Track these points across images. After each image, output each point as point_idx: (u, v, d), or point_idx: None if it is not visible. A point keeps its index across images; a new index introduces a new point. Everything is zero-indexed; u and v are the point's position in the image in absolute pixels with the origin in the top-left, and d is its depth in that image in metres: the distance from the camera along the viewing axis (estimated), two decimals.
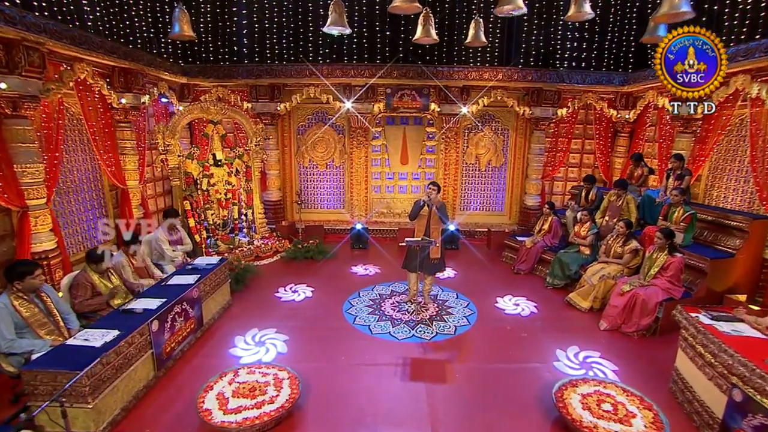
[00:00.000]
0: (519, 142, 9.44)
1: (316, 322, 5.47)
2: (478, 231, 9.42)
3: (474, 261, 8.08)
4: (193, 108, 7.27)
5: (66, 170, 6.30)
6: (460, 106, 8.74)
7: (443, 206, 5.65)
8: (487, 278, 7.15)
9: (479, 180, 9.68)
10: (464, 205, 9.81)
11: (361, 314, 5.68)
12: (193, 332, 4.81)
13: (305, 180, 9.71)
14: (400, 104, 8.78)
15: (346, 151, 9.49)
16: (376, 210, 9.72)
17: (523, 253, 7.36)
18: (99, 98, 6.54)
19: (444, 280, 6.97)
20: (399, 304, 5.99)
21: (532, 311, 5.85)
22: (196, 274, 5.12)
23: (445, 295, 6.33)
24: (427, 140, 9.47)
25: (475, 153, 9.50)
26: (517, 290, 6.52)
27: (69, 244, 6.30)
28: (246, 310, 5.77)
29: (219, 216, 7.85)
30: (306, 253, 7.83)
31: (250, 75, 8.51)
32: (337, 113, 8.93)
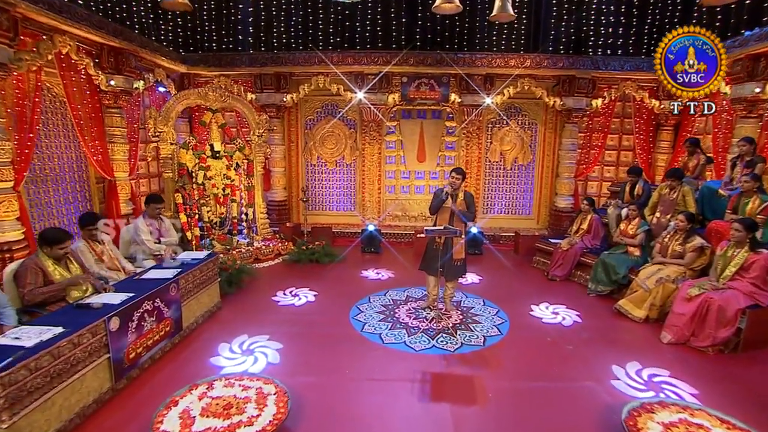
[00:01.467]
0: (549, 137, 8.64)
1: (318, 328, 4.68)
2: (503, 235, 8.56)
3: (501, 266, 7.21)
4: (190, 93, 6.70)
5: (45, 156, 5.75)
6: (483, 96, 8.01)
7: (470, 198, 4.87)
8: (517, 284, 6.28)
9: (504, 179, 8.87)
10: (487, 208, 8.98)
11: (371, 321, 4.87)
12: (169, 336, 4.07)
13: (313, 179, 9.04)
14: (416, 95, 8.11)
15: (358, 147, 8.82)
16: (389, 211, 8.95)
17: (559, 257, 6.48)
18: (86, 79, 6.02)
19: (467, 285, 6.13)
20: (416, 311, 5.16)
21: (575, 320, 4.95)
22: (177, 269, 4.40)
23: (470, 302, 5.48)
24: (446, 135, 8.74)
25: (500, 150, 8.73)
26: (555, 297, 5.63)
27: None
28: (237, 314, 5.02)
29: (216, 213, 7.19)
30: (311, 256, 7.08)
31: (254, 63, 7.97)
32: (348, 105, 8.28)
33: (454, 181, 4.77)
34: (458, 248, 4.85)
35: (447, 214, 4.87)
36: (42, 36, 5.17)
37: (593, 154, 8.48)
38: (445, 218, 4.87)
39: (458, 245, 4.86)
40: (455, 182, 4.77)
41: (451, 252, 4.82)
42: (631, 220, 5.77)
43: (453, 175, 4.80)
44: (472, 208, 4.84)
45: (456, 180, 4.77)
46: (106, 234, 4.39)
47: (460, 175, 4.79)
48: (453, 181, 4.77)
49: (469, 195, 4.90)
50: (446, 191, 4.75)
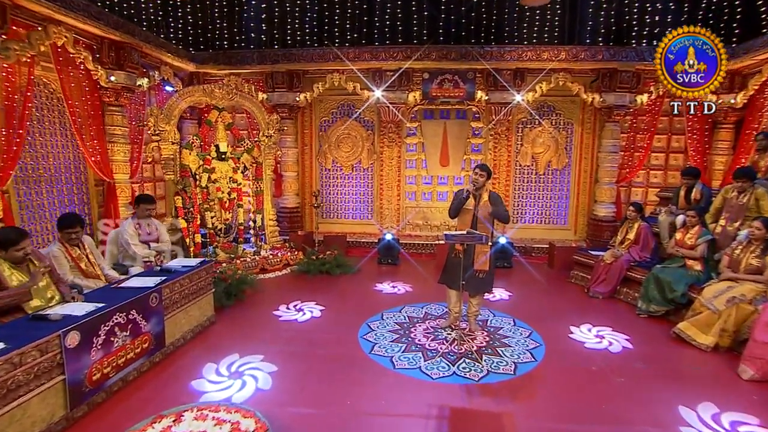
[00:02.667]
0: (586, 138, 7.94)
1: (320, 349, 4.13)
2: (535, 247, 7.84)
3: (533, 281, 6.51)
4: (194, 90, 6.39)
5: (38, 155, 5.50)
6: (512, 93, 7.42)
7: (497, 198, 4.28)
8: (553, 302, 5.58)
9: (536, 185, 8.19)
10: (517, 216, 8.30)
11: (382, 341, 4.29)
12: (148, 354, 3.61)
13: (327, 184, 8.59)
14: (439, 92, 7.59)
15: (376, 150, 8.34)
16: (408, 219, 8.40)
17: (601, 271, 5.75)
18: (85, 74, 5.78)
19: (495, 302, 5.48)
20: (435, 330, 4.55)
21: (624, 346, 4.23)
22: (161, 277, 3.96)
23: (499, 321, 4.83)
24: (472, 137, 8.17)
25: (532, 152, 8.07)
26: (598, 318, 4.91)
27: (36, 243, 5.40)
28: (231, 330, 4.54)
29: (220, 219, 6.80)
30: (321, 267, 6.58)
31: (265, 61, 7.65)
32: (365, 104, 7.83)
33: (477, 178, 4.21)
34: (482, 258, 4.25)
35: (469, 217, 4.31)
36: (37, 27, 4.94)
37: (638, 157, 7.72)
38: (466, 222, 4.30)
39: (482, 255, 4.26)
40: (478, 180, 4.20)
41: (472, 258, 4.24)
42: (690, 229, 5.01)
43: (476, 171, 4.23)
44: (502, 208, 4.24)
45: (479, 177, 4.20)
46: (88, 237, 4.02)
47: (485, 172, 4.22)
48: (476, 179, 4.21)
49: (496, 195, 4.31)
50: (467, 189, 4.19)
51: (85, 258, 3.83)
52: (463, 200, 4.25)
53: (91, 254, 3.92)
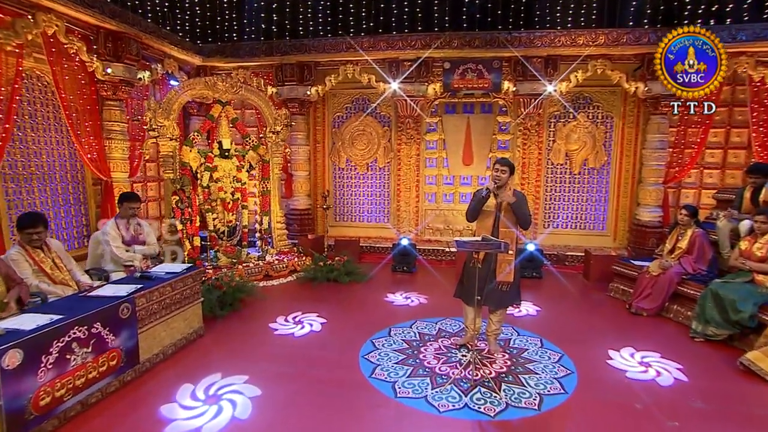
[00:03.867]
0: (628, 133, 7.23)
1: (313, 369, 3.70)
2: (569, 255, 7.18)
3: (566, 294, 5.88)
4: (196, 82, 6.11)
5: (30, 152, 5.32)
6: (544, 83, 6.82)
7: (522, 199, 3.76)
8: (589, 320, 4.95)
9: (571, 186, 7.53)
10: (549, 221, 7.65)
11: (386, 363, 3.81)
12: (116, 372, 3.26)
13: (341, 184, 8.20)
14: (461, 84, 7.06)
15: (393, 148, 7.89)
16: (426, 222, 7.89)
17: (646, 285, 5.08)
18: (80, 66, 5.58)
19: (521, 318, 4.91)
20: (448, 351, 4.04)
21: (677, 378, 3.59)
22: (137, 284, 3.63)
23: (523, 342, 4.27)
24: (498, 133, 7.60)
25: (565, 149, 7.42)
26: (643, 340, 4.27)
27: None
28: (219, 345, 4.17)
29: (224, 221, 6.50)
30: (328, 274, 6.16)
31: (274, 52, 7.33)
32: (381, 97, 7.39)
33: (498, 174, 3.70)
34: (504, 268, 3.72)
35: (490, 220, 3.80)
36: (26, 14, 4.75)
37: (689, 154, 6.94)
38: (486, 226, 3.79)
39: (505, 264, 3.73)
40: (500, 176, 3.69)
41: (493, 266, 3.72)
42: (759, 237, 4.29)
43: (497, 167, 3.73)
44: (525, 211, 3.72)
45: (501, 173, 3.69)
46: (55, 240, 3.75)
47: (507, 167, 3.72)
48: (497, 175, 3.70)
49: (520, 195, 3.79)
50: (486, 187, 3.69)
51: (51, 262, 3.53)
52: (483, 200, 3.75)
53: (58, 258, 3.62)
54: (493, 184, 3.74)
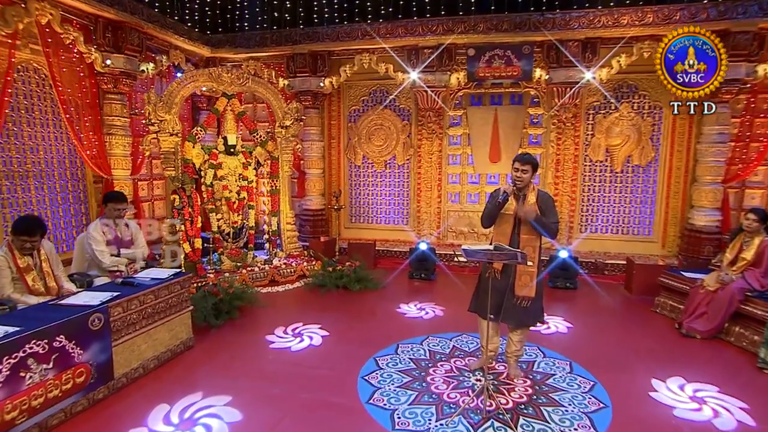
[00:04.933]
0: (681, 125, 6.58)
1: (304, 391, 3.39)
2: (609, 263, 6.60)
3: (603, 309, 5.35)
4: (199, 74, 5.93)
5: (26, 148, 5.27)
6: (581, 70, 6.29)
7: (548, 201, 3.38)
8: (629, 340, 4.42)
9: (611, 186, 6.94)
10: (586, 224, 7.08)
11: (388, 386, 3.46)
12: (84, 390, 3.05)
13: (357, 183, 7.89)
14: (488, 72, 6.61)
15: (413, 144, 7.51)
16: (448, 224, 7.47)
17: (700, 301, 4.51)
18: (79, 58, 5.51)
19: (549, 336, 4.45)
20: (460, 374, 3.65)
21: (740, 420, 3.06)
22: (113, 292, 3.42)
23: (550, 365, 3.81)
24: (529, 127, 7.11)
25: (606, 144, 6.84)
26: (695, 370, 3.74)
27: None
28: (208, 358, 3.93)
29: (228, 222, 6.30)
30: (337, 280, 5.85)
31: (285, 42, 7.10)
32: (399, 88, 7.04)
33: (519, 175, 3.30)
34: (525, 282, 3.31)
35: (508, 226, 3.41)
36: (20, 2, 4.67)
37: (756, 149, 6.23)
38: (505, 232, 3.40)
39: (526, 276, 3.31)
40: (521, 177, 3.29)
41: (512, 281, 3.32)
42: None
43: (516, 165, 3.34)
44: (552, 216, 3.31)
45: (522, 173, 3.29)
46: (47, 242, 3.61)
47: (528, 164, 3.31)
48: (518, 176, 3.31)
49: (546, 196, 3.39)
50: (504, 189, 3.30)
51: (35, 270, 3.35)
52: (500, 204, 3.35)
53: (45, 262, 3.46)
54: (512, 187, 3.34)
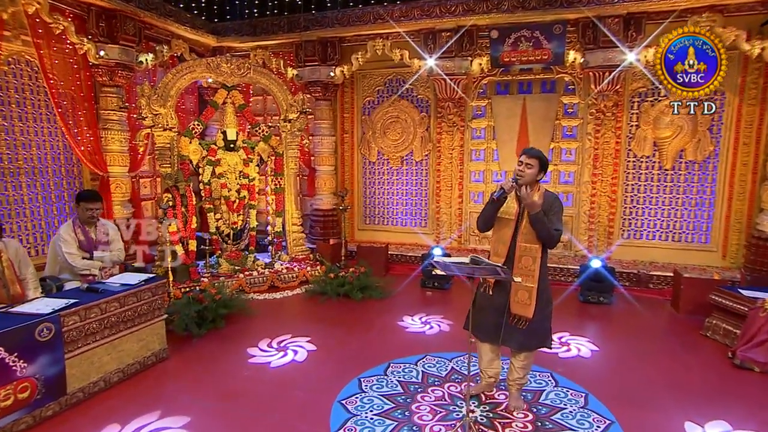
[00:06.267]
0: (748, 113, 5.90)
1: (269, 415, 3.19)
2: (654, 275, 6.01)
3: (640, 329, 4.83)
4: (195, 64, 5.89)
5: (18, 144, 5.38)
6: (623, 51, 5.75)
7: (554, 203, 3.03)
8: (666, 371, 3.91)
9: (660, 185, 6.33)
10: (628, 229, 6.50)
11: (365, 413, 3.19)
12: (28, 407, 2.97)
13: (372, 181, 7.65)
14: (514, 57, 6.19)
15: (431, 138, 7.18)
16: (470, 227, 7.08)
17: (761, 326, 3.96)
18: (72, 49, 5.57)
19: (569, 359, 4.04)
20: (452, 403, 3.33)
21: None
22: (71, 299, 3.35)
23: (561, 396, 3.42)
24: (563, 118, 6.62)
25: (654, 137, 6.25)
26: (745, 413, 3.23)
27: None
28: (180, 372, 3.83)
29: (228, 223, 6.22)
30: (339, 288, 5.64)
31: (293, 29, 6.96)
32: (414, 76, 6.74)
33: (522, 169, 2.98)
34: (521, 298, 2.96)
35: (508, 231, 3.08)
36: None
37: None
38: (503, 238, 3.10)
39: (523, 293, 2.97)
40: (524, 172, 2.98)
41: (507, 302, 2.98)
42: None
43: (522, 159, 3.02)
44: (555, 223, 2.96)
45: (527, 168, 2.96)
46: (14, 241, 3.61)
47: (536, 159, 2.97)
48: (520, 170, 3.00)
49: (552, 198, 3.04)
50: (501, 185, 2.97)
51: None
52: (495, 201, 3.02)
53: (9, 269, 3.44)
54: (510, 183, 2.99)
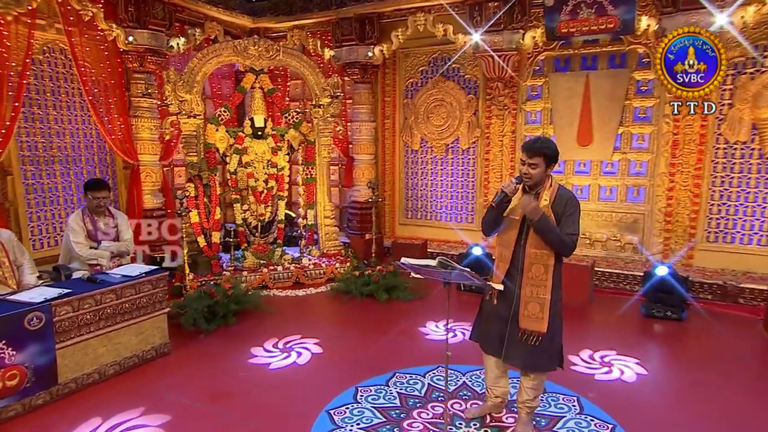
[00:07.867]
0: None
1: (254, 422, 3.23)
2: (746, 288, 5.34)
3: (711, 354, 4.28)
4: (222, 47, 6.06)
5: (52, 132, 5.85)
6: (711, 12, 5.13)
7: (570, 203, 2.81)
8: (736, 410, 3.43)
9: (758, 178, 5.59)
10: (715, 231, 5.81)
11: (351, 426, 3.13)
12: (17, 395, 3.21)
13: (413, 172, 7.51)
14: (573, 27, 5.73)
15: (479, 123, 6.89)
16: None
17: None
18: (103, 36, 5.95)
19: (607, 383, 3.69)
20: (451, 422, 3.16)
21: None
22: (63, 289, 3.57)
23: (581, 427, 3.11)
24: (635, 97, 6.06)
25: (751, 119, 5.52)
26: None
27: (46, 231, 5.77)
28: (178, 369, 4.02)
29: (255, 214, 6.38)
30: (363, 287, 5.59)
31: (330, 5, 6.95)
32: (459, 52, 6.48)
33: (526, 170, 2.79)
34: (532, 309, 2.75)
35: (513, 233, 2.90)
36: None
37: None
38: (508, 242, 2.95)
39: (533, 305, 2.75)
40: (529, 172, 2.79)
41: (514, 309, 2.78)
42: None
43: (522, 158, 2.83)
44: (570, 226, 2.73)
45: (530, 168, 2.75)
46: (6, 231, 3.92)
47: (538, 156, 2.75)
48: (525, 171, 2.83)
49: (567, 196, 2.84)
50: (503, 187, 2.78)
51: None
52: (495, 206, 2.82)
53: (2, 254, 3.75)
54: (512, 185, 2.76)
